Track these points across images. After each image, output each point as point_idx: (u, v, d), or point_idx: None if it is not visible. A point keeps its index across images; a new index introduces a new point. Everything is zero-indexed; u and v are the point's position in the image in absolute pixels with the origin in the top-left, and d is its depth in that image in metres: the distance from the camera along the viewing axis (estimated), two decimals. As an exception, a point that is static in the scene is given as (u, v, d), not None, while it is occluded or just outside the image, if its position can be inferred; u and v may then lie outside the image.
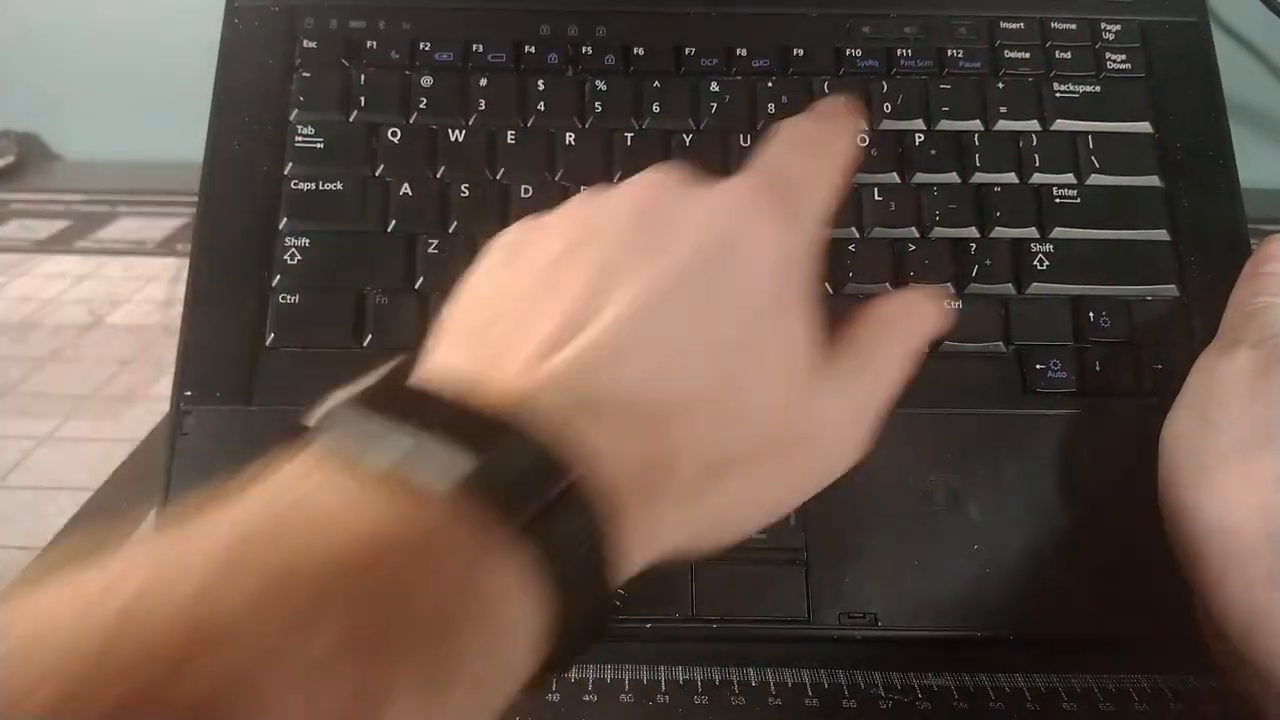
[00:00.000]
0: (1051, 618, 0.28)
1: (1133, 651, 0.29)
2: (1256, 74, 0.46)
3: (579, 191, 0.31)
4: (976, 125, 0.33)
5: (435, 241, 0.31)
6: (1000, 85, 0.34)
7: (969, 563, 0.28)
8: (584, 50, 0.34)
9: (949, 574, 0.28)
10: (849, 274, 0.31)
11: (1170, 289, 0.31)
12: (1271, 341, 0.27)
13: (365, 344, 0.30)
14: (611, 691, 0.28)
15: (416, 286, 0.31)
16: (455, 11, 0.34)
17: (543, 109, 0.33)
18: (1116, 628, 0.28)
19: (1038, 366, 0.30)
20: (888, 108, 0.33)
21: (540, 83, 0.33)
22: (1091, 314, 0.31)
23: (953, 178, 0.33)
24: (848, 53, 0.34)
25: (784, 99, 0.33)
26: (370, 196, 0.32)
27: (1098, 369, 0.30)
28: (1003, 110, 0.33)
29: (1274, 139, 0.46)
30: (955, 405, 0.30)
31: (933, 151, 0.33)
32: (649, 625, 0.28)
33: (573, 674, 0.29)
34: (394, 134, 0.32)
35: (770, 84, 0.34)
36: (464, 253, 0.30)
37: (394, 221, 0.32)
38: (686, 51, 0.34)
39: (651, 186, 0.23)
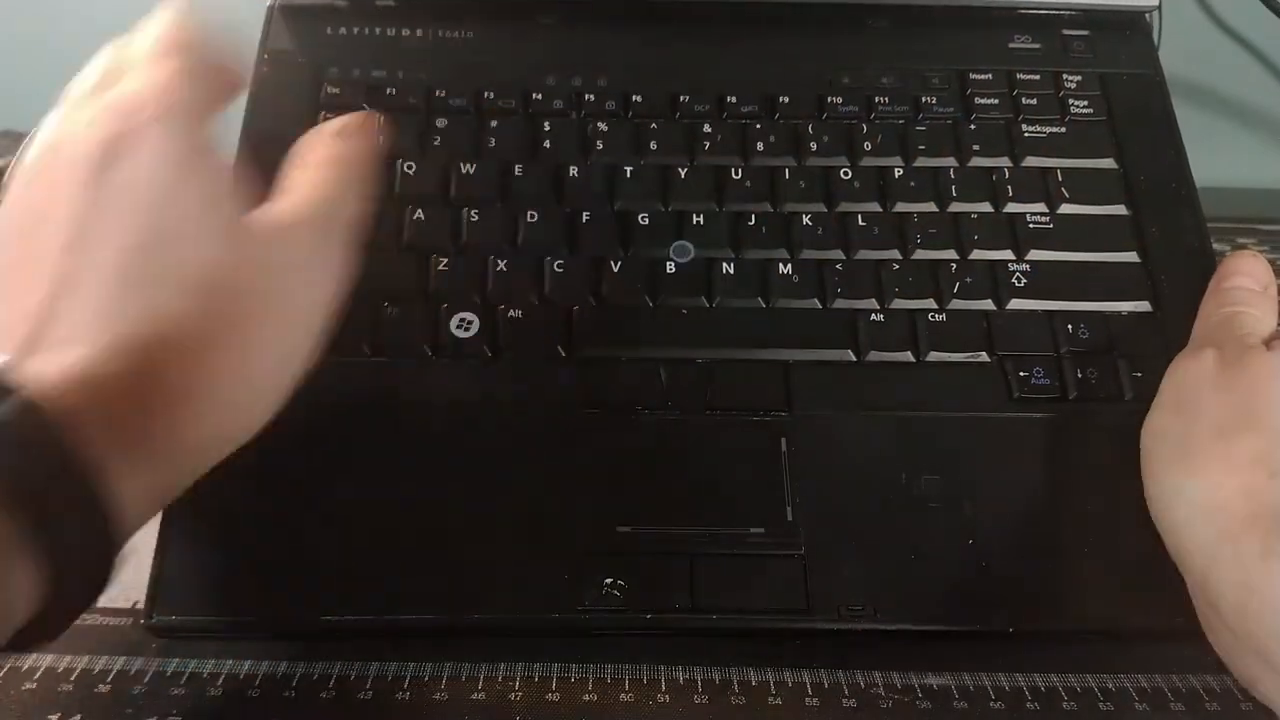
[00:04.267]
0: (1043, 611, 0.28)
1: (1128, 647, 0.29)
2: (1257, 74, 0.46)
3: (583, 217, 0.34)
4: (951, 162, 0.36)
5: (445, 260, 0.33)
6: (972, 127, 0.36)
7: (965, 558, 0.29)
8: (587, 97, 0.37)
9: (945, 569, 0.29)
10: (837, 290, 0.33)
11: (1144, 305, 0.33)
12: (1235, 341, 0.29)
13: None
14: (611, 691, 0.28)
15: (428, 300, 0.32)
16: (469, 65, 0.37)
17: (548, 146, 0.35)
18: (1105, 619, 0.28)
19: (1021, 374, 0.32)
20: (868, 146, 0.36)
21: (546, 124, 0.36)
22: (1070, 327, 0.32)
23: (931, 207, 0.35)
24: (829, 100, 0.37)
25: (771, 138, 0.36)
26: (386, 218, 0.33)
27: (1079, 376, 0.32)
28: (975, 148, 0.36)
29: (1274, 139, 0.46)
30: (945, 409, 0.31)
31: (912, 184, 0.35)
32: (649, 616, 0.28)
33: (573, 673, 0.29)
34: (410, 167, 0.35)
35: (758, 127, 0.36)
36: (473, 270, 0.33)
37: (408, 240, 0.33)
38: (681, 99, 0.37)
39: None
